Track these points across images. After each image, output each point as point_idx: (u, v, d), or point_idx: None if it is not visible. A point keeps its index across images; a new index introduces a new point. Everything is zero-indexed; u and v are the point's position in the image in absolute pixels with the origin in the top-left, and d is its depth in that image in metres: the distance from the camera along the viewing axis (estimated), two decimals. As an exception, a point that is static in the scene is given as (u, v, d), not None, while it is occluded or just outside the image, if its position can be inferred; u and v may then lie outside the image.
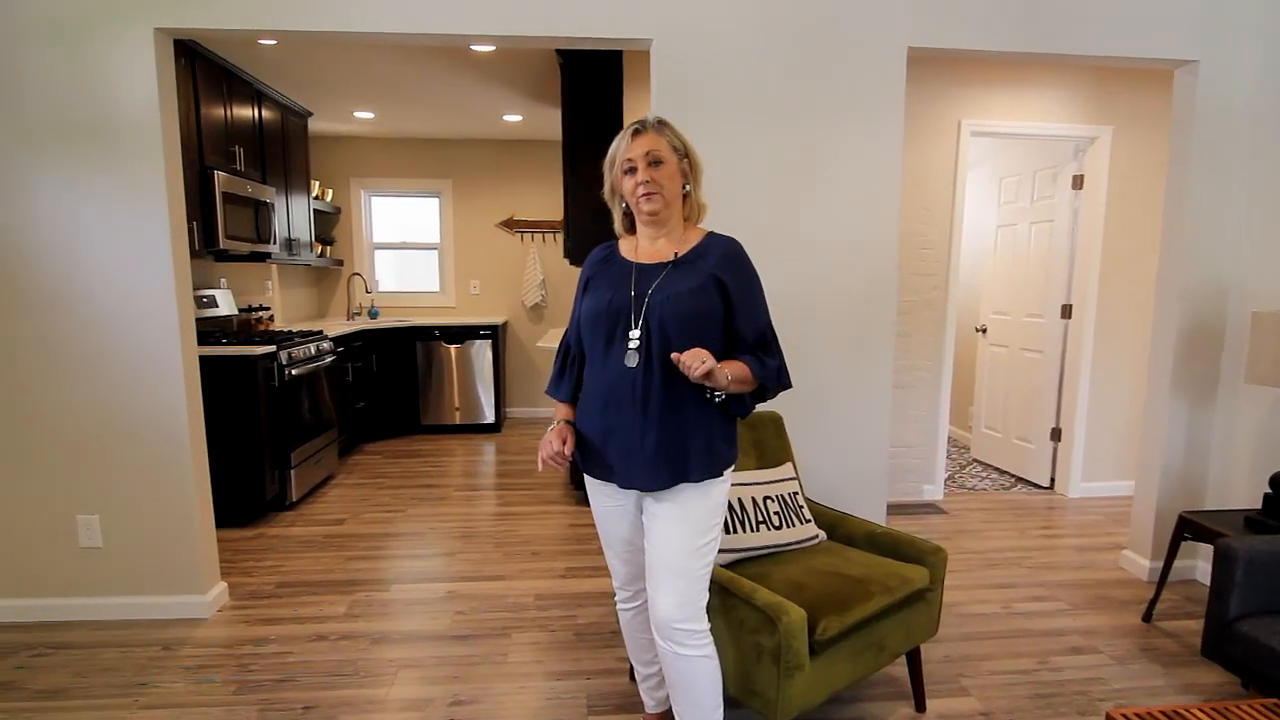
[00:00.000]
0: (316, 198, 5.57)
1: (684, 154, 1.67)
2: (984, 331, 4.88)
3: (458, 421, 5.77)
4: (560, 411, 1.78)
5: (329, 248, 5.98)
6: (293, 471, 3.90)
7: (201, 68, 3.70)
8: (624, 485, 1.65)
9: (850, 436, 2.76)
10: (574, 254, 3.86)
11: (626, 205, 1.70)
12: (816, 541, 2.24)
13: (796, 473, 2.43)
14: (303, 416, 4.05)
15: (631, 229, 1.74)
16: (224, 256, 4.39)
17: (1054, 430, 4.27)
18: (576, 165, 3.83)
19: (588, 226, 3.84)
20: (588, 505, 3.61)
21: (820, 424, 2.73)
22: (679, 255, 1.66)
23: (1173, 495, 2.97)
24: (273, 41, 3.57)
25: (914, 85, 3.76)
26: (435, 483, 4.41)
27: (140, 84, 2.42)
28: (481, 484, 4.37)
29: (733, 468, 1.71)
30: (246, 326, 4.70)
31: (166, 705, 2.12)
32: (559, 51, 3.72)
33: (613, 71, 3.73)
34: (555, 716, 2.09)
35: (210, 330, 4.09)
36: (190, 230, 3.53)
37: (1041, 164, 4.32)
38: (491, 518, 3.76)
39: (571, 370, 1.77)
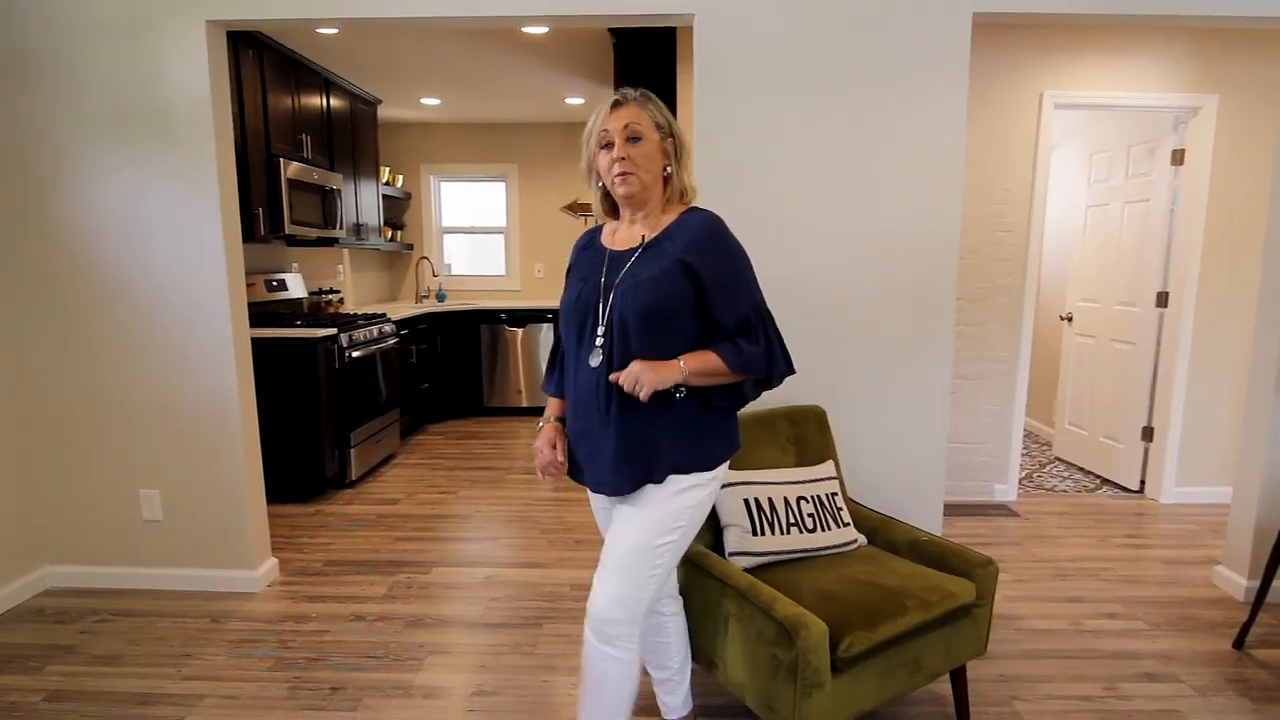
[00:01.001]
0: (387, 183, 5.70)
1: (668, 132, 1.53)
2: (1069, 320, 4.51)
3: (519, 404, 5.83)
4: (551, 407, 1.70)
5: (399, 232, 6.13)
6: (352, 451, 4.02)
7: (270, 59, 3.80)
8: (594, 489, 1.61)
9: (904, 433, 2.58)
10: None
11: (604, 185, 1.57)
12: (855, 547, 2.10)
13: (838, 471, 2.29)
14: (363, 397, 4.16)
15: (614, 211, 1.62)
16: (295, 241, 4.55)
17: (1146, 429, 3.91)
18: (629, 147, 3.73)
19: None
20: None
21: (870, 419, 2.57)
22: (647, 238, 1.53)
23: (1274, 506, 2.65)
24: (333, 30, 3.63)
25: (988, 54, 3.47)
26: (491, 465, 4.46)
27: (193, 75, 2.49)
28: (533, 467, 4.37)
29: (724, 465, 1.60)
30: (316, 309, 4.87)
31: (205, 678, 2.20)
32: (612, 31, 3.63)
33: (665, 49, 3.61)
34: (575, 714, 2.05)
35: (281, 312, 4.25)
36: (256, 216, 3.66)
37: (1137, 138, 3.92)
38: (540, 503, 3.76)
39: (561, 363, 1.70)
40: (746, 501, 2.00)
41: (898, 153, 2.44)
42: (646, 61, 3.65)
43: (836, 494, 2.16)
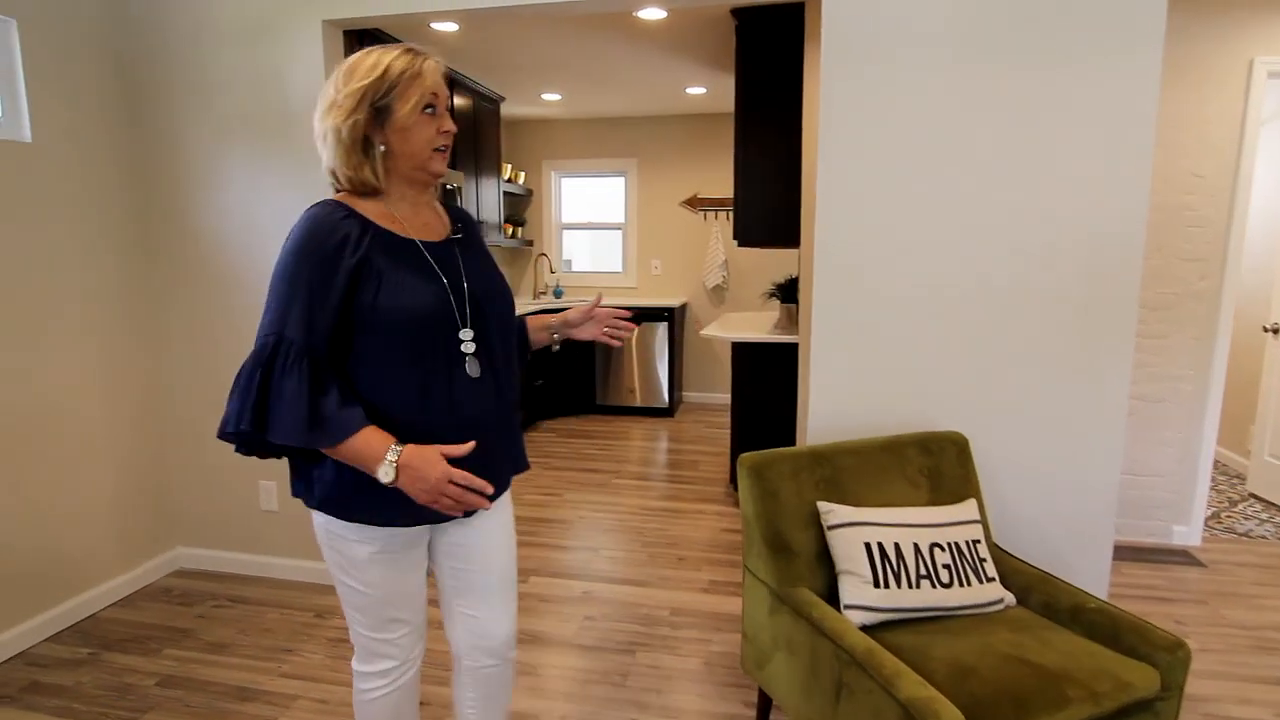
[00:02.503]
0: (509, 180, 5.74)
1: None
2: (1276, 332, 3.79)
3: (632, 404, 5.72)
4: (377, 434, 1.17)
5: (520, 229, 6.17)
6: (463, 447, 4.03)
7: (393, 58, 3.86)
8: (426, 521, 1.31)
9: (1066, 464, 2.19)
10: (745, 235, 3.54)
11: (385, 149, 1.23)
12: (1001, 608, 1.77)
13: (982, 512, 1.95)
14: (475, 395, 4.17)
15: (370, 190, 1.26)
16: (417, 238, 4.64)
17: (1380, 470, 3.20)
18: (749, 135, 3.48)
19: (760, 205, 3.49)
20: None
21: (1024, 447, 2.19)
22: (458, 232, 1.37)
23: None
24: (452, 27, 3.63)
25: (1181, 14, 2.92)
26: (598, 467, 4.36)
27: (310, 76, 2.50)
28: (643, 472, 4.24)
29: None
30: (437, 305, 4.96)
31: (302, 677, 2.20)
32: (734, 12, 3.38)
33: (791, 29, 3.32)
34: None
35: (400, 308, 4.35)
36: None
37: (1386, 111, 3.19)
38: (644, 512, 3.61)
39: (337, 386, 1.19)
40: (868, 546, 1.73)
41: (1071, 132, 2.05)
42: (771, 44, 3.38)
43: (979, 541, 1.83)
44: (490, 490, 1.20)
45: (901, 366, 2.20)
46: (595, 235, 6.38)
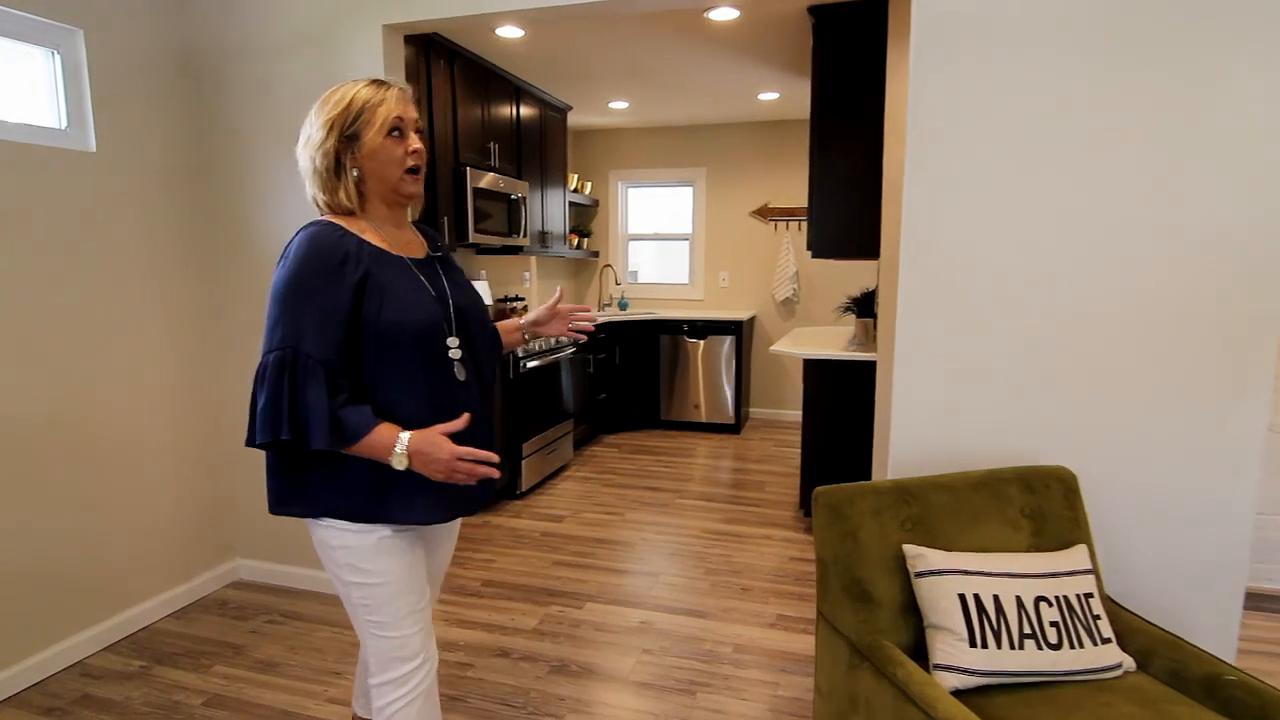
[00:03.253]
0: (575, 191, 5.68)
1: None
2: None
3: (697, 419, 5.54)
4: (386, 430, 1.25)
5: (586, 239, 6.11)
6: (524, 462, 3.95)
7: (461, 68, 3.84)
8: (459, 513, 1.43)
9: (1191, 503, 1.91)
10: (820, 246, 3.34)
11: (359, 175, 1.33)
12: (1119, 674, 1.52)
13: (1093, 561, 1.71)
14: (537, 408, 4.09)
15: (348, 212, 1.36)
16: (483, 249, 4.62)
17: None
18: (825, 141, 3.28)
19: (837, 214, 3.28)
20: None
21: (1138, 485, 1.92)
22: (438, 250, 1.48)
23: None
24: (519, 33, 3.57)
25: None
26: (661, 485, 4.20)
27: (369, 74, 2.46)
28: (706, 492, 4.05)
29: None
30: (502, 317, 4.93)
31: (346, 702, 2.12)
32: (811, 10, 3.20)
33: (874, 26, 3.11)
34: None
35: (463, 319, 4.31)
36: (441, 225, 3.69)
37: None
38: (707, 535, 3.42)
39: (346, 392, 1.26)
40: (962, 598, 1.51)
41: (1204, 135, 1.79)
42: (852, 44, 3.18)
43: (1091, 594, 1.59)
44: (496, 459, 1.29)
45: (998, 391, 1.96)
46: (662, 246, 6.25)
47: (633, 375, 5.53)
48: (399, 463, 1.24)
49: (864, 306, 3.76)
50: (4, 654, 2.15)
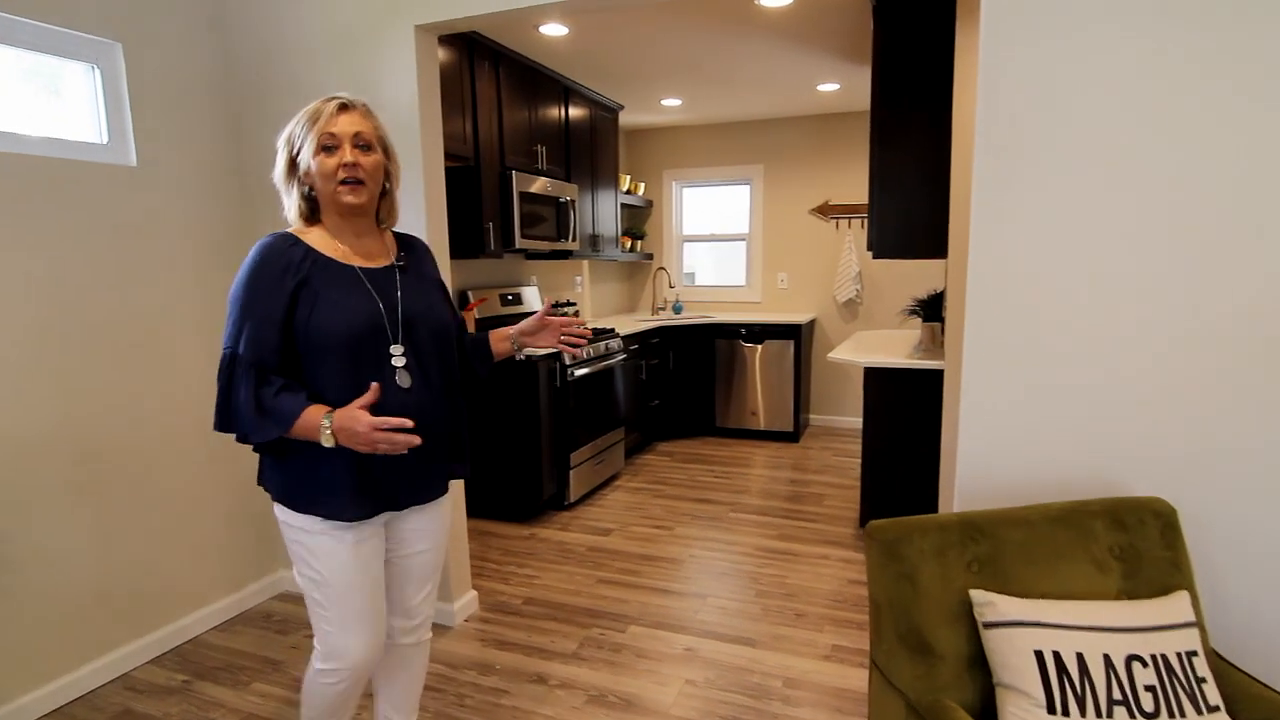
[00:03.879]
0: (628, 192, 5.57)
1: (388, 153, 1.50)
2: None
3: (754, 427, 5.35)
4: (313, 412, 1.35)
5: (639, 242, 5.99)
6: (572, 472, 3.85)
7: (507, 70, 3.77)
8: (380, 509, 1.49)
9: (1316, 549, 1.63)
10: (881, 245, 3.12)
11: (310, 190, 1.45)
12: (1233, 751, 1.29)
13: (1197, 611, 1.47)
14: (586, 417, 3.98)
15: (313, 219, 1.48)
16: (533, 254, 4.55)
17: None
18: (886, 133, 3.06)
19: (899, 211, 3.06)
20: (874, 563, 2.91)
21: (1252, 521, 1.66)
22: (400, 260, 1.55)
23: None
24: (563, 31, 3.47)
25: None
26: (713, 497, 4.04)
27: (402, 85, 2.40)
28: (761, 505, 3.87)
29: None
30: (551, 321, 4.85)
31: (376, 730, 2.05)
32: (870, -6, 2.99)
33: (941, 8, 2.87)
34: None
35: (512, 326, 4.25)
36: (487, 231, 3.63)
37: None
38: (760, 553, 3.25)
39: (278, 382, 1.37)
40: (1039, 655, 1.31)
41: (1331, 107, 1.52)
42: (916, 28, 2.95)
43: (1195, 652, 1.36)
44: (410, 424, 1.32)
45: (1083, 409, 1.73)
46: (717, 247, 6.08)
47: (687, 381, 5.38)
48: (327, 440, 1.33)
49: (931, 309, 3.51)
50: (52, 667, 2.18)
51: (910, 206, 3.04)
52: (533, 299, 4.53)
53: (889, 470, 3.12)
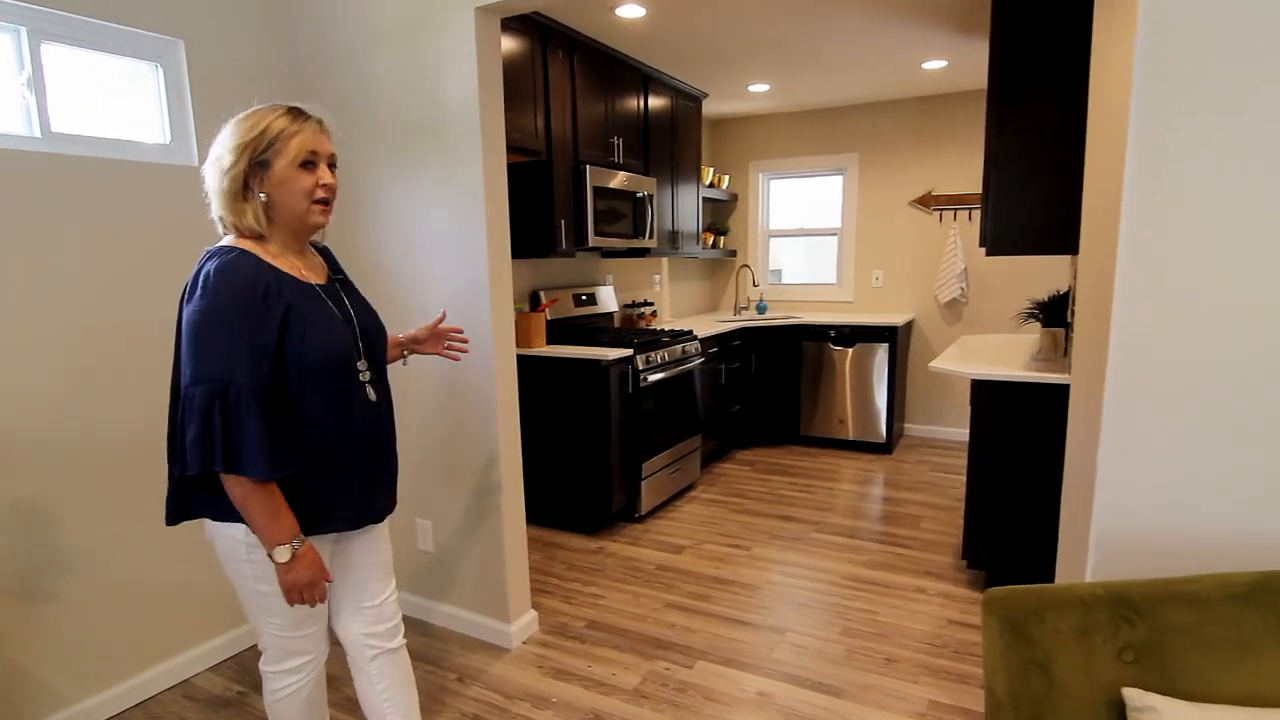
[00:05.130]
0: (710, 185, 5.30)
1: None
2: None
3: (842, 436, 4.98)
4: (288, 517, 1.33)
5: (722, 238, 5.71)
6: (643, 483, 3.65)
7: (582, 58, 3.59)
8: (378, 519, 1.55)
9: None
10: (996, 240, 2.75)
11: (267, 200, 1.35)
12: None
13: None
14: (660, 425, 3.76)
15: (254, 235, 1.37)
16: (609, 253, 4.37)
17: None
18: (1006, 114, 2.68)
19: (1019, 202, 2.67)
20: (981, 591, 2.55)
21: None
22: (338, 275, 1.55)
23: None
24: (640, 12, 3.25)
25: None
26: (796, 514, 3.74)
27: (464, 73, 2.24)
28: (849, 526, 3.54)
29: None
30: (628, 323, 4.66)
31: (417, 768, 1.91)
32: (987, -47, 2.62)
33: (1073, -36, 2.47)
34: None
35: (589, 328, 4.08)
36: (558, 228, 3.46)
37: None
38: (847, 583, 2.93)
39: (275, 427, 1.31)
40: (1224, 790, 0.99)
41: None
42: (1040, -11, 2.56)
43: None
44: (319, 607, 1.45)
45: (1265, 451, 1.36)
46: (807, 243, 5.72)
47: (770, 386, 5.07)
48: (282, 555, 1.31)
49: (1053, 313, 3.08)
50: (112, 672, 2.15)
51: (1032, 197, 2.65)
52: (608, 299, 4.35)
53: (999, 497, 2.74)
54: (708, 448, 4.49)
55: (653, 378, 3.64)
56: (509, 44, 3.10)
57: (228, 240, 1.36)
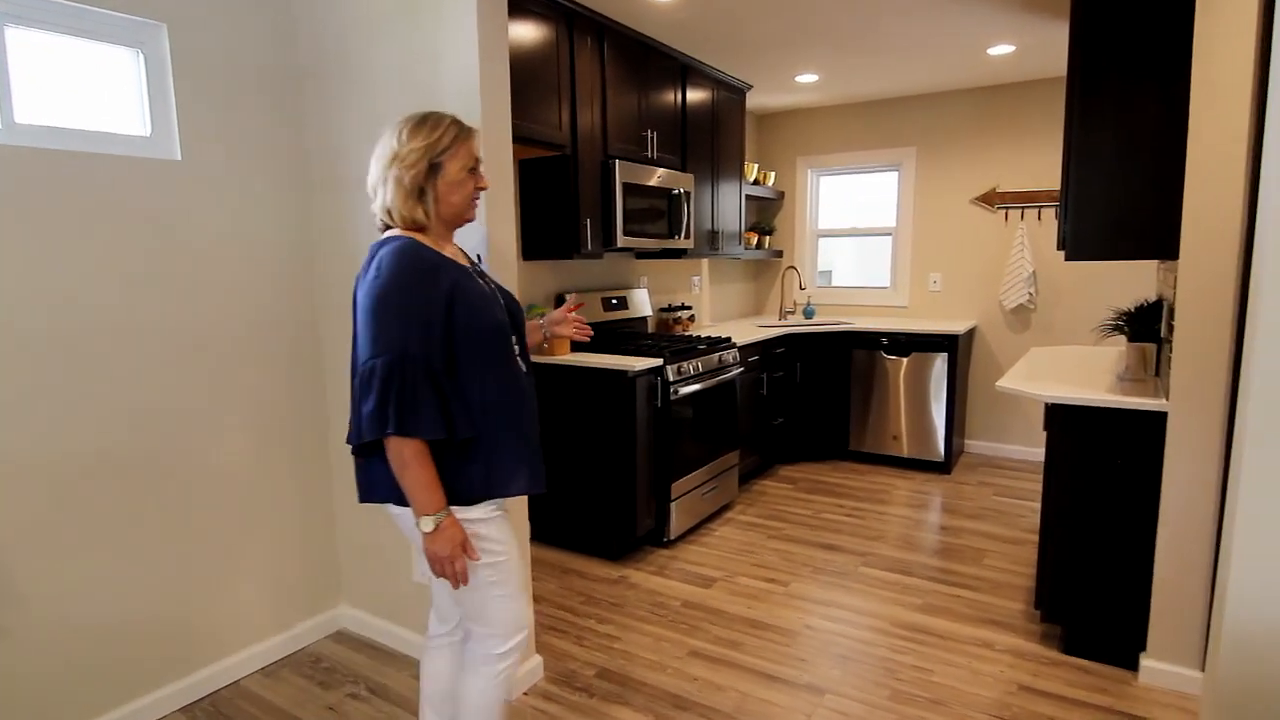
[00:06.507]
0: (755, 182, 4.98)
1: None
2: None
3: (896, 453, 4.59)
4: (439, 491, 1.41)
5: (767, 238, 5.37)
6: (673, 504, 3.36)
7: (613, 46, 3.32)
8: (537, 487, 1.57)
9: None
10: (1077, 243, 2.38)
11: (434, 196, 1.48)
12: None
13: None
14: (692, 441, 3.47)
15: (419, 227, 1.49)
16: (643, 253, 4.10)
17: None
18: (1091, 102, 2.31)
19: (1105, 199, 2.30)
20: (1059, 650, 2.19)
21: None
22: (478, 260, 1.82)
23: None
24: (672, -4, 2.96)
25: None
26: (841, 543, 3.39)
27: (464, 55, 1.99)
28: (900, 560, 3.18)
29: None
30: (664, 328, 4.38)
31: None
32: (1072, -91, 2.25)
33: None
34: None
35: (620, 333, 3.81)
36: (583, 228, 3.20)
37: None
38: (898, 631, 2.59)
39: (447, 394, 1.43)
40: None
41: None
42: (1137, -51, 2.17)
43: None
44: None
45: None
46: (858, 244, 5.34)
47: (817, 397, 4.71)
48: (427, 524, 1.39)
49: (1142, 326, 2.67)
50: (64, 716, 1.97)
51: (1119, 196, 2.28)
52: (641, 303, 4.07)
53: (1081, 540, 2.36)
54: (747, 463, 4.17)
55: (686, 389, 3.34)
56: (530, 31, 2.85)
57: (393, 232, 1.47)
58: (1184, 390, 2.08)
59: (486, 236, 2.05)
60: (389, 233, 1.47)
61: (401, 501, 1.45)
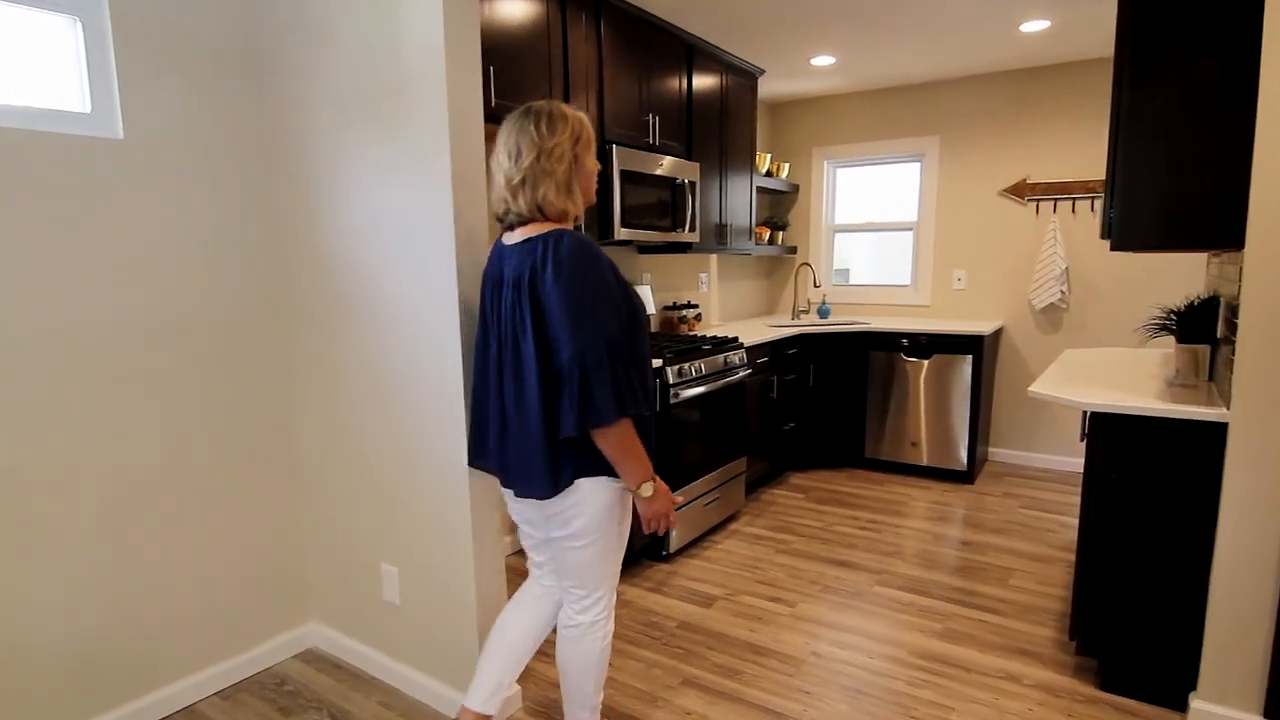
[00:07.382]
0: (768, 174, 4.73)
1: None
2: None
3: (915, 461, 4.33)
4: (647, 457, 1.55)
5: (780, 233, 5.12)
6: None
7: (611, 22, 3.10)
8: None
9: None
10: (1126, 232, 2.12)
11: (580, 189, 1.57)
12: None
13: None
14: (694, 448, 3.24)
15: (566, 218, 1.56)
16: (645, 248, 3.88)
17: None
18: (1143, 77, 2.05)
19: (1159, 184, 2.04)
20: (1095, 686, 1.95)
21: None
22: None
23: None
24: (674, -35, 2.73)
25: None
26: (854, 559, 3.15)
27: (429, 18, 1.78)
28: (919, 579, 2.93)
29: None
30: (668, 327, 4.15)
31: None
32: None
33: None
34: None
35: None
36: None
37: None
38: (914, 661, 2.35)
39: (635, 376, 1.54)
40: None
41: None
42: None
43: None
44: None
45: None
46: (878, 239, 5.07)
47: (831, 401, 4.46)
48: (648, 489, 1.53)
49: (1194, 325, 2.40)
50: (3, 741, 1.80)
51: (1174, 179, 2.02)
52: (645, 299, 3.84)
53: (1122, 565, 2.10)
54: (755, 470, 3.93)
55: (688, 392, 3.11)
56: (520, 8, 2.64)
57: (544, 226, 1.51)
58: (1247, 398, 1.82)
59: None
60: (545, 226, 1.50)
61: (596, 473, 1.52)
